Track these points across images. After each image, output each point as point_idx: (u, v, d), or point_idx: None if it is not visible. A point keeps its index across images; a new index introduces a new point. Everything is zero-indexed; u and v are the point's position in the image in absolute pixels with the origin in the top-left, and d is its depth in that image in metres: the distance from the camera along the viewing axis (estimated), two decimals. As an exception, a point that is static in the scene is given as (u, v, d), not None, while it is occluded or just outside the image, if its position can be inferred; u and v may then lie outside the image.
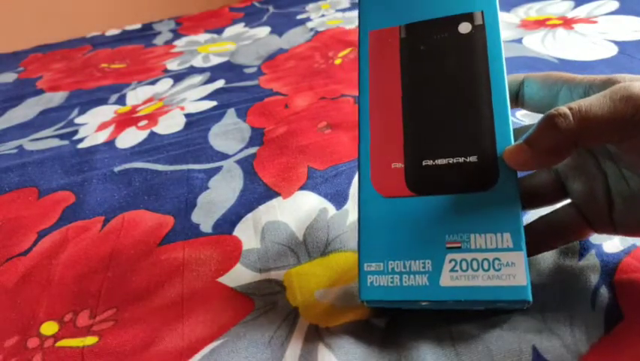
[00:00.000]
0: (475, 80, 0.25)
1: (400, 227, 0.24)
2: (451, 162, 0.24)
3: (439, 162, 0.25)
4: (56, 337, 0.30)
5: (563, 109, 0.21)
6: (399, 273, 0.24)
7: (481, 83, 0.25)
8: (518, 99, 0.27)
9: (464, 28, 0.26)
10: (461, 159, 0.24)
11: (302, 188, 0.40)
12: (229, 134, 0.51)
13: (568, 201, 0.27)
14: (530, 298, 0.22)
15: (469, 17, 0.26)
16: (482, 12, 0.26)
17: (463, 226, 0.23)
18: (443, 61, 0.26)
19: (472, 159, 0.24)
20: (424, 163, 0.25)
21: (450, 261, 0.23)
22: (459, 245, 0.23)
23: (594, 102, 0.21)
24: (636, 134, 0.20)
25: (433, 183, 0.24)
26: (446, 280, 0.23)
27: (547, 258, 0.28)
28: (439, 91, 0.26)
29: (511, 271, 0.22)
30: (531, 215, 0.30)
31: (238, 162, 0.45)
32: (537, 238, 0.26)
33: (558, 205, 0.27)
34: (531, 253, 0.26)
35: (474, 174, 0.24)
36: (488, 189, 0.23)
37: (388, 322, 0.27)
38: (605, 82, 0.23)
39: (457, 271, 0.23)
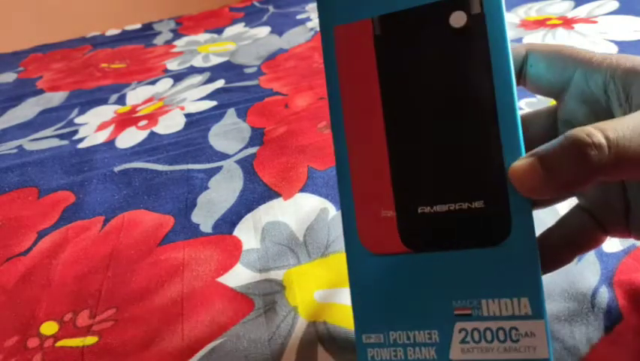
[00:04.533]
0: (474, 95, 0.20)
1: (398, 290, 0.21)
2: (452, 208, 0.20)
3: (438, 208, 0.20)
4: (56, 337, 0.30)
5: (598, 138, 0.17)
6: (402, 345, 0.21)
7: (483, 99, 0.20)
8: (521, 78, 0.23)
9: (457, 19, 0.20)
10: (465, 205, 0.20)
11: (302, 188, 0.40)
12: (229, 134, 0.51)
13: (574, 205, 0.24)
14: None
15: (462, 3, 0.20)
16: None
17: (473, 290, 0.20)
18: (432, 70, 0.20)
19: (478, 204, 0.20)
20: (419, 210, 0.20)
21: (460, 331, 0.20)
22: (469, 312, 0.20)
23: (633, 136, 0.17)
24: None
25: (433, 237, 0.20)
26: (457, 352, 0.20)
27: (547, 258, 0.28)
28: (431, 113, 0.20)
29: (530, 342, 0.19)
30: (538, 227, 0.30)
31: (238, 162, 0.46)
32: (553, 254, 0.23)
33: (564, 212, 0.25)
34: (548, 269, 0.23)
35: (481, 225, 0.20)
36: (499, 243, 0.20)
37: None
38: (628, 73, 0.20)
39: (468, 342, 0.20)
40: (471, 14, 0.20)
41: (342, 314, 0.28)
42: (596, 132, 0.17)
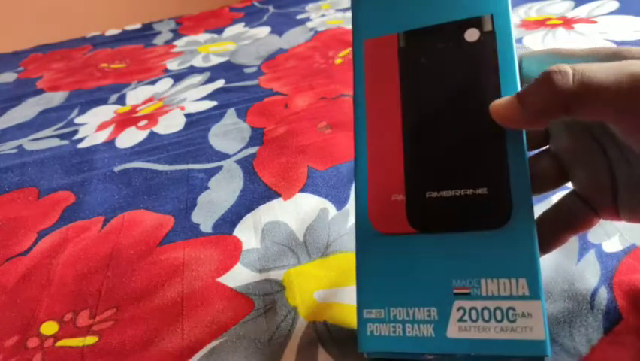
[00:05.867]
0: (484, 97, 0.22)
1: (401, 268, 0.22)
2: (457, 194, 0.22)
3: (444, 193, 0.22)
4: (56, 337, 0.30)
5: (564, 67, 0.19)
6: (401, 321, 0.21)
7: (490, 99, 0.22)
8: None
9: (471, 35, 0.23)
10: (469, 191, 0.22)
11: (302, 188, 0.40)
12: (229, 134, 0.51)
13: (569, 190, 0.26)
14: (550, 353, 0.19)
15: (476, 22, 0.23)
16: (492, 16, 0.23)
17: (473, 270, 0.21)
18: (448, 75, 0.23)
19: (482, 191, 0.21)
20: (427, 195, 0.22)
21: (458, 309, 0.21)
22: (468, 291, 0.21)
23: (598, 70, 0.19)
24: (635, 114, 0.19)
25: (438, 219, 0.22)
26: (454, 331, 0.21)
27: (546, 258, 0.28)
28: (444, 111, 0.23)
29: (527, 322, 0.20)
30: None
31: (238, 162, 0.46)
32: (548, 236, 0.24)
33: (559, 196, 0.26)
34: (544, 251, 0.24)
35: (484, 209, 0.21)
36: (500, 227, 0.21)
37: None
38: (610, 56, 0.21)
39: (466, 321, 0.21)
40: (483, 31, 0.23)
41: (342, 314, 0.28)
42: (565, 65, 0.19)
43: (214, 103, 0.60)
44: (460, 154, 0.22)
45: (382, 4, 0.25)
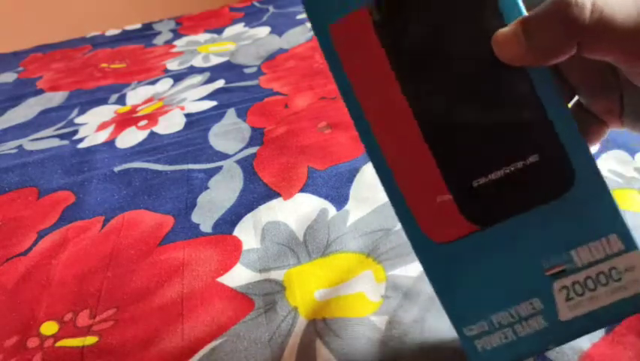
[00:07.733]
0: (491, 47, 0.18)
1: (481, 272, 0.20)
2: (508, 171, 0.19)
3: (493, 176, 0.19)
4: (56, 337, 0.30)
5: (582, 0, 0.17)
6: (509, 325, 0.20)
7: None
8: None
9: None
10: (520, 164, 0.19)
11: (302, 188, 0.40)
12: (229, 134, 0.51)
13: (573, 103, 0.24)
14: None
15: None
16: None
17: (557, 244, 0.19)
18: (446, 38, 0.19)
19: (534, 158, 0.19)
20: (475, 184, 0.19)
21: (560, 289, 0.19)
22: (563, 268, 0.19)
23: (620, 7, 0.17)
24: None
25: (497, 205, 0.19)
26: (565, 312, 0.19)
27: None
28: (457, 83, 0.19)
29: (634, 276, 0.19)
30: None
31: (238, 162, 0.46)
32: None
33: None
34: None
35: (544, 178, 0.19)
36: (567, 191, 0.19)
37: (388, 322, 0.27)
38: None
39: (573, 298, 0.19)
40: None
41: (341, 306, 0.28)
42: None
43: (214, 103, 0.60)
44: (492, 126, 0.19)
45: None
